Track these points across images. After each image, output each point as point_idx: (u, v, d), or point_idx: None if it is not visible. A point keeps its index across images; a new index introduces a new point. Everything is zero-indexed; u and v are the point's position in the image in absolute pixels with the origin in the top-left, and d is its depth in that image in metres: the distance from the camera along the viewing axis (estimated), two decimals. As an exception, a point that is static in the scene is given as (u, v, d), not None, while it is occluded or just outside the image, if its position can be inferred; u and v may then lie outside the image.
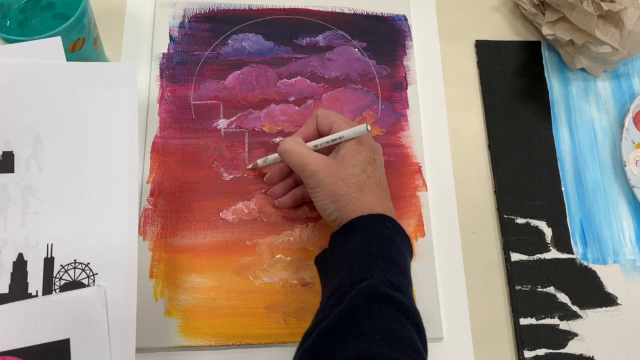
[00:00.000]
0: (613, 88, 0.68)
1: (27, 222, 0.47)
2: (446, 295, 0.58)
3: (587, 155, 0.65)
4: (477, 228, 0.61)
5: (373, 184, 0.50)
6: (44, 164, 0.48)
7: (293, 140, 0.53)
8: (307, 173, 0.51)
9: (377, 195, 0.50)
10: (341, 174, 0.50)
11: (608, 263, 0.60)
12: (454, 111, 0.66)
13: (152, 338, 0.53)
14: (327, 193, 0.50)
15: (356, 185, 0.50)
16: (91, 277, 0.46)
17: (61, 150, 0.48)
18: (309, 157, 0.51)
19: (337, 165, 0.51)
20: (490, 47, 0.69)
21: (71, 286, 0.46)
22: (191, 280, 0.55)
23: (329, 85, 0.65)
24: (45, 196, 0.47)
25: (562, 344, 0.56)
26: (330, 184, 0.50)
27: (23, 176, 0.47)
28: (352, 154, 0.51)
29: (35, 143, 0.48)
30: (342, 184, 0.50)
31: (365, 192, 0.50)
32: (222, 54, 0.65)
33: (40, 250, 0.46)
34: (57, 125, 0.49)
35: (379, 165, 0.52)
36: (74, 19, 0.52)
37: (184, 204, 0.58)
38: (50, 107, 0.49)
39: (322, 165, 0.51)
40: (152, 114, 0.61)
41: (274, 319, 0.55)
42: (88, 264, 0.47)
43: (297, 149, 0.52)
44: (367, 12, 0.69)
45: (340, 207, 0.50)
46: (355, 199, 0.49)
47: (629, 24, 0.61)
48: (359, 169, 0.50)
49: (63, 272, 0.46)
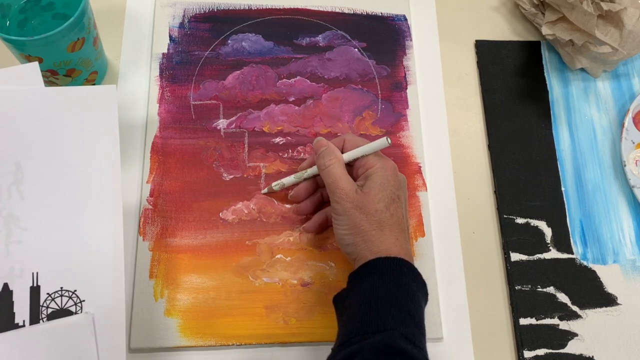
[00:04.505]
0: (613, 88, 0.68)
1: (11, 251, 0.46)
2: (446, 295, 0.58)
3: (587, 155, 0.65)
4: (477, 228, 0.61)
5: (394, 223, 0.50)
6: (25, 191, 0.47)
7: (337, 160, 0.52)
8: (336, 198, 0.51)
9: (396, 236, 0.49)
10: (365, 207, 0.49)
11: (608, 263, 0.60)
12: (453, 111, 0.66)
13: (152, 338, 0.53)
14: (349, 225, 0.50)
15: (377, 223, 0.49)
16: (78, 304, 0.46)
17: (43, 177, 0.48)
18: (343, 182, 0.51)
19: (363, 197, 0.50)
20: (490, 47, 0.69)
21: (58, 314, 0.46)
22: (191, 280, 0.55)
23: (328, 85, 0.65)
24: (28, 224, 0.47)
25: (562, 344, 0.56)
26: (353, 216, 0.49)
27: (5, 205, 0.47)
28: (378, 189, 0.50)
29: (16, 171, 0.48)
30: (365, 219, 0.49)
31: (385, 231, 0.49)
32: (222, 54, 0.65)
33: (26, 279, 0.46)
34: (37, 152, 0.48)
35: (402, 203, 0.52)
36: (74, 19, 0.52)
37: (184, 204, 0.58)
38: (29, 133, 0.49)
39: (350, 194, 0.50)
40: (152, 114, 0.61)
41: (274, 319, 0.55)
42: (75, 291, 0.46)
43: (337, 171, 0.51)
44: (367, 12, 0.69)
45: (357, 242, 0.49)
46: (374, 237, 0.49)
47: (629, 24, 0.61)
48: (383, 205, 0.50)
49: (50, 300, 0.46)
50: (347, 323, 0.46)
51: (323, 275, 0.57)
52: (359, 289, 0.47)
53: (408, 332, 0.44)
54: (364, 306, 0.45)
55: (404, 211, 0.52)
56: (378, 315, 0.44)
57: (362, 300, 0.46)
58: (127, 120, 0.61)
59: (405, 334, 0.43)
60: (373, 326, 0.44)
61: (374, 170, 0.52)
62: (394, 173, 0.52)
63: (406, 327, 0.44)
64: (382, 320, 0.44)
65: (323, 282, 0.57)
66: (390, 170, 0.52)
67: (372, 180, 0.51)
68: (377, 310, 0.45)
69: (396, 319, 0.44)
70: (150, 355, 0.53)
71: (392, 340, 0.43)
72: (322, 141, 0.54)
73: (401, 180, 0.53)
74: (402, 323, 0.44)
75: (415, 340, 0.44)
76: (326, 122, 0.63)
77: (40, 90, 0.49)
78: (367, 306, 0.45)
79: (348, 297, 0.48)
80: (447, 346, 0.56)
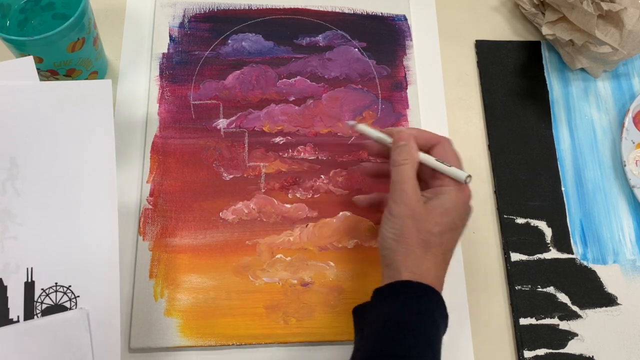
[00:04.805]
0: (613, 88, 0.68)
1: (6, 246, 0.46)
2: (446, 295, 0.57)
3: (587, 155, 0.65)
4: (477, 228, 0.61)
5: (440, 252, 0.47)
6: (20, 187, 0.47)
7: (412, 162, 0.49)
8: (396, 198, 0.48)
9: (436, 263, 0.47)
10: (421, 223, 0.47)
11: (608, 263, 0.60)
12: (453, 111, 0.66)
13: (152, 338, 0.53)
14: (397, 231, 0.47)
15: (424, 243, 0.47)
16: (73, 300, 0.46)
17: (38, 173, 0.47)
18: (410, 187, 0.48)
19: (424, 212, 0.48)
20: (490, 47, 0.69)
21: (53, 310, 0.45)
22: (191, 280, 0.55)
23: (329, 85, 0.65)
24: (23, 220, 0.46)
25: (562, 344, 0.56)
26: (406, 224, 0.47)
27: (0, 200, 0.47)
28: (442, 212, 0.48)
29: (10, 167, 0.47)
30: (415, 233, 0.47)
31: (428, 255, 0.47)
32: (222, 54, 0.65)
33: (21, 274, 0.46)
34: (32, 147, 0.48)
35: (456, 235, 0.49)
36: (74, 19, 0.52)
37: (183, 204, 0.58)
38: (24, 128, 0.48)
39: (412, 201, 0.48)
40: (152, 114, 0.61)
41: (274, 319, 0.55)
42: (69, 286, 0.46)
43: (409, 174, 0.49)
44: (367, 12, 0.69)
45: (397, 251, 0.47)
46: (416, 254, 0.47)
47: (629, 24, 0.61)
48: (438, 229, 0.47)
49: (44, 296, 0.46)
50: (369, 339, 0.45)
51: (323, 275, 0.57)
52: (385, 307, 0.46)
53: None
54: (387, 328, 0.44)
55: (455, 244, 0.49)
56: (402, 341, 0.44)
57: (386, 320, 0.45)
58: (127, 120, 0.61)
59: None
60: (394, 350, 0.43)
61: (447, 190, 0.49)
62: (465, 203, 0.50)
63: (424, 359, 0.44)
64: (404, 348, 0.43)
65: (323, 282, 0.57)
66: (463, 199, 0.49)
67: (440, 200, 0.48)
68: (402, 336, 0.44)
69: (417, 349, 0.43)
70: (150, 355, 0.53)
71: None
72: (403, 133, 0.51)
73: (465, 213, 0.50)
74: (422, 354, 0.43)
75: None
76: (326, 122, 0.63)
77: (35, 85, 0.49)
78: (390, 329, 0.44)
79: (372, 311, 0.47)
80: (447, 346, 0.56)
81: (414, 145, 0.50)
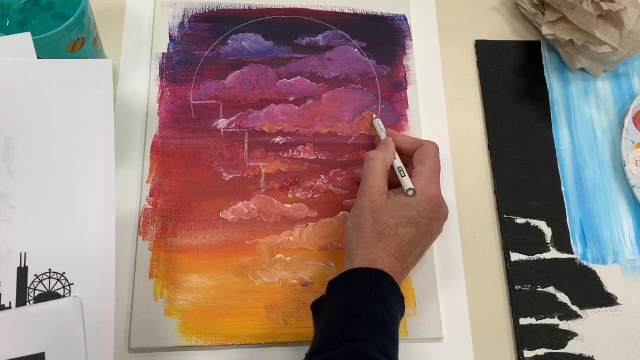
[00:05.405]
0: (613, 88, 0.68)
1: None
2: (446, 295, 0.58)
3: (587, 155, 0.65)
4: (477, 228, 0.61)
5: (394, 243, 0.49)
6: (15, 168, 0.45)
7: (383, 159, 0.53)
8: (360, 191, 0.52)
9: (390, 253, 0.49)
10: (378, 214, 0.50)
11: (608, 263, 0.60)
12: (453, 111, 0.66)
13: (152, 338, 0.53)
14: (357, 221, 0.51)
15: (379, 234, 0.49)
16: (67, 287, 0.44)
17: (34, 154, 0.45)
18: (375, 180, 0.52)
19: (383, 204, 0.50)
20: (490, 47, 0.69)
21: (46, 297, 0.44)
22: (191, 280, 0.55)
23: (329, 85, 0.65)
24: (17, 203, 0.45)
25: (562, 344, 0.56)
26: (364, 217, 0.50)
27: None
28: (400, 206, 0.50)
29: (5, 147, 0.45)
30: (371, 224, 0.49)
31: (380, 245, 0.49)
32: (222, 54, 0.65)
33: (14, 259, 0.44)
34: (28, 127, 0.46)
35: (418, 232, 0.50)
36: (74, 19, 0.52)
37: (183, 204, 0.58)
38: (21, 108, 0.46)
39: (375, 195, 0.51)
40: (152, 114, 0.61)
41: (274, 319, 0.55)
42: (64, 273, 0.45)
43: (376, 169, 0.52)
44: (367, 12, 0.69)
45: (353, 241, 0.50)
46: (369, 244, 0.49)
47: (629, 24, 0.61)
48: (393, 222, 0.49)
49: (38, 282, 0.44)
50: (324, 330, 0.46)
51: (323, 275, 0.57)
52: (337, 297, 0.47)
53: (382, 344, 0.44)
54: (341, 315, 0.46)
55: (416, 241, 0.50)
56: (354, 324, 0.44)
57: (339, 308, 0.46)
58: (127, 119, 0.61)
59: (379, 345, 0.43)
60: (348, 335, 0.44)
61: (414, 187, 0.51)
62: (429, 203, 0.51)
63: (380, 339, 0.44)
64: (358, 330, 0.44)
65: (323, 282, 0.56)
66: (426, 197, 0.51)
67: (403, 195, 0.51)
68: (353, 320, 0.45)
69: (372, 330, 0.44)
70: (150, 355, 0.53)
71: (366, 350, 0.43)
72: (388, 140, 0.56)
73: (433, 212, 0.51)
74: (377, 334, 0.44)
75: (389, 353, 0.44)
76: (326, 122, 0.63)
77: (33, 62, 0.46)
78: (344, 315, 0.45)
79: (326, 304, 0.48)
80: (447, 346, 0.56)
81: (392, 147, 0.55)
